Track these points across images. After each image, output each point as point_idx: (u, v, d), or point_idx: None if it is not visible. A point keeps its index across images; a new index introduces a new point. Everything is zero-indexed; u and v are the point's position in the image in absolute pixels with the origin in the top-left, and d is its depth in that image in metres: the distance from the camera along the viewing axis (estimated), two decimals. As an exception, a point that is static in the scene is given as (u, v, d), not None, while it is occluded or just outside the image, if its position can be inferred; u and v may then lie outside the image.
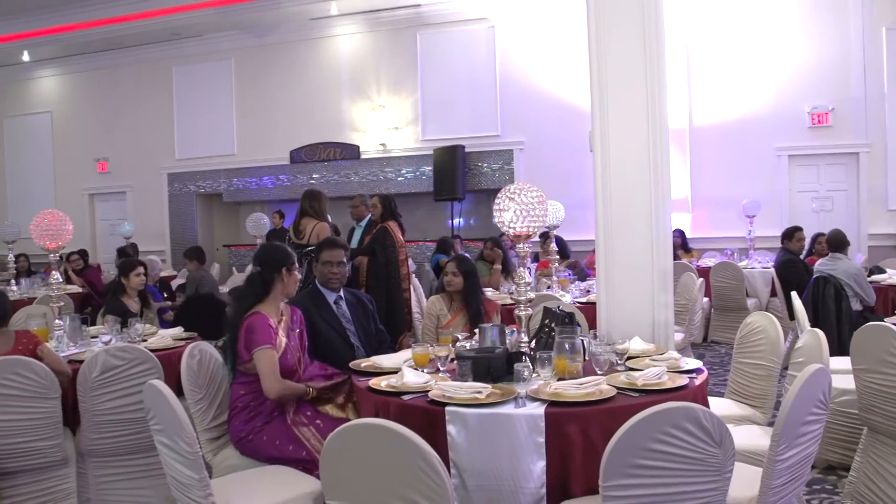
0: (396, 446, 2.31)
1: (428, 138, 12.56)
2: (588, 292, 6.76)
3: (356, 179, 12.98)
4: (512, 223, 3.41)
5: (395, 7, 12.53)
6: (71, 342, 4.73)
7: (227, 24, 13.27)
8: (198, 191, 14.45)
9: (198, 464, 2.80)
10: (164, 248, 14.15)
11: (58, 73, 15.86)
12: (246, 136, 13.92)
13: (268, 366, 3.59)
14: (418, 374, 3.30)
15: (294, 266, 3.95)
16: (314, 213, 6.69)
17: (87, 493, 4.12)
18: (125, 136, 14.99)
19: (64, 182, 15.70)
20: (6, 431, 3.76)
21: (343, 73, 13.22)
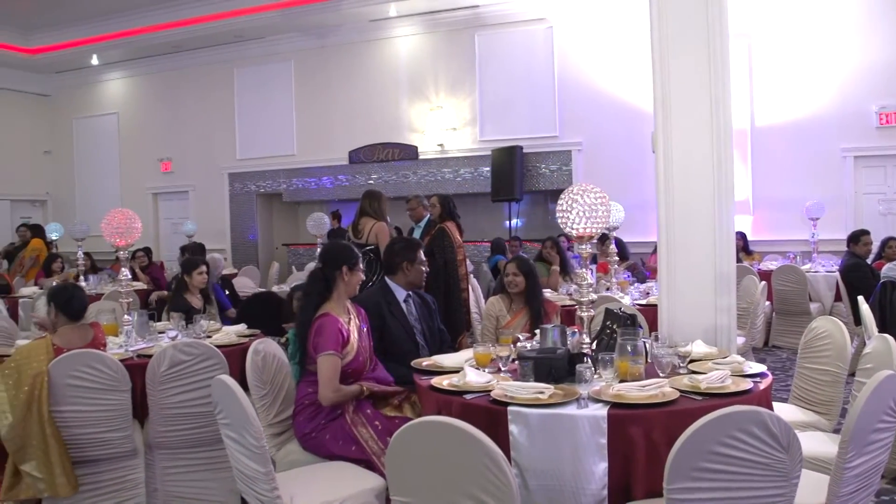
0: (462, 444, 2.33)
1: (486, 139, 12.57)
2: (647, 294, 6.70)
3: (414, 180, 13.06)
4: (575, 224, 3.40)
5: (453, 8, 12.57)
6: (139, 337, 4.85)
7: (288, 26, 13.47)
8: (258, 190, 14.69)
9: (264, 457, 2.86)
10: (224, 247, 14.40)
11: (124, 76, 16.28)
12: (305, 136, 14.10)
13: (328, 373, 3.64)
14: (480, 373, 3.33)
15: (357, 265, 3.99)
16: (373, 213, 6.74)
17: (155, 484, 4.23)
18: (188, 137, 15.32)
19: (129, 181, 16.12)
20: (80, 422, 3.89)
21: (401, 74, 13.31)
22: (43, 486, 3.76)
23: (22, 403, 3.77)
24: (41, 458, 3.75)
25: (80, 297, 4.43)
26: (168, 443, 4.18)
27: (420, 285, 4.64)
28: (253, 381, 3.71)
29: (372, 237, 6.54)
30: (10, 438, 3.76)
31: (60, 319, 4.31)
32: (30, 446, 3.75)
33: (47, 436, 3.76)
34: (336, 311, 3.83)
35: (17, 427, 3.74)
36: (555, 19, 12.14)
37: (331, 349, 3.66)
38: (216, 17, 13.42)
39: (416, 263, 4.56)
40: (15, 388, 3.80)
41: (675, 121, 4.14)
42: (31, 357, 3.93)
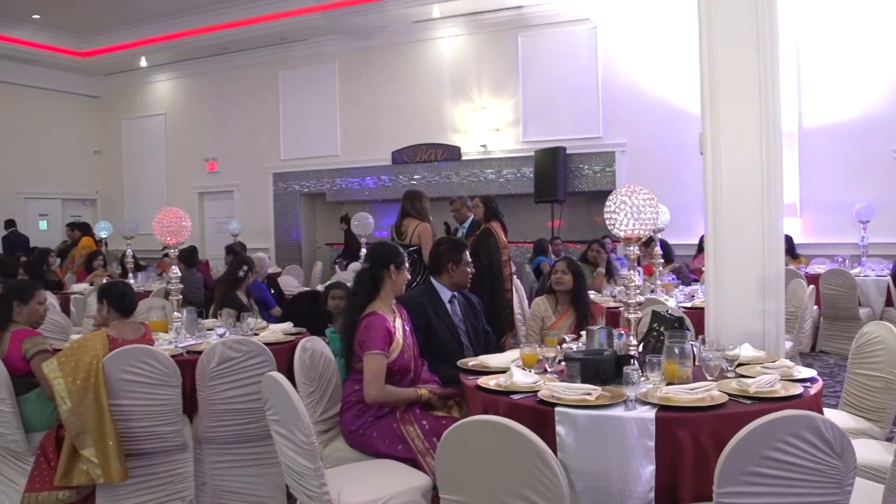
0: (512, 443, 2.35)
1: (529, 140, 12.55)
2: (692, 297, 6.64)
3: (456, 181, 13.08)
4: (623, 225, 3.40)
5: (496, 9, 12.57)
6: (188, 333, 4.93)
7: (332, 27, 13.58)
8: (302, 190, 14.83)
9: (313, 454, 2.90)
10: (268, 246, 14.55)
11: (172, 78, 16.55)
12: (349, 137, 14.21)
13: (373, 371, 3.68)
14: (527, 373, 3.33)
15: (403, 264, 4.03)
16: (416, 214, 6.77)
17: (203, 477, 4.30)
18: (233, 137, 15.52)
19: (176, 181, 16.38)
20: (133, 415, 3.98)
21: (445, 74, 13.34)
22: (99, 472, 3.85)
23: (78, 389, 3.89)
24: (98, 443, 3.86)
25: (130, 294, 4.54)
26: (216, 438, 4.25)
27: (465, 286, 4.66)
28: (301, 378, 3.75)
29: (415, 238, 6.57)
30: (70, 423, 3.88)
31: (112, 315, 4.43)
32: (88, 431, 3.86)
33: (105, 422, 3.87)
34: (383, 310, 3.87)
35: (76, 413, 3.86)
36: (599, 19, 12.07)
37: (377, 348, 3.70)
38: (261, 19, 13.59)
39: (462, 264, 4.57)
40: (72, 376, 3.92)
41: (723, 122, 4.10)
42: (88, 346, 4.05)
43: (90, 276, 9.79)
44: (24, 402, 4.22)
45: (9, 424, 4.17)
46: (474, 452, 2.45)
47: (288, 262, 13.38)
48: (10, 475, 4.31)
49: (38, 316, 4.60)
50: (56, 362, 3.98)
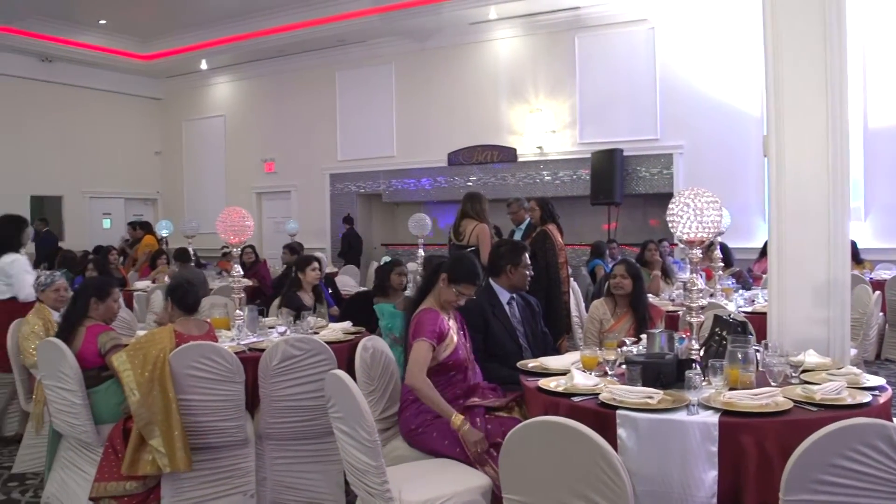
0: (577, 445, 2.35)
1: (585, 141, 12.48)
2: (752, 302, 6.55)
3: (512, 182, 13.06)
4: (686, 228, 3.37)
5: (553, 10, 12.52)
6: (249, 331, 5.02)
7: (389, 29, 13.66)
8: (358, 191, 14.96)
9: (375, 451, 2.94)
10: (325, 246, 14.70)
11: (231, 80, 16.84)
12: (405, 138, 14.29)
13: (417, 356, 3.72)
14: (587, 376, 3.33)
15: (473, 283, 4.00)
16: (475, 215, 6.79)
17: (264, 473, 4.39)
18: (291, 138, 15.73)
19: (234, 181, 16.66)
20: (197, 410, 4.07)
21: (501, 76, 13.33)
22: (166, 462, 3.96)
23: (146, 381, 4.01)
24: (164, 433, 3.97)
25: (194, 292, 4.65)
26: (277, 434, 4.32)
27: (523, 288, 4.66)
28: (361, 377, 3.80)
29: (473, 239, 6.60)
30: (139, 414, 4.00)
31: (176, 312, 4.54)
32: (155, 422, 3.98)
33: (171, 413, 3.98)
34: (437, 308, 3.91)
35: (144, 404, 3.98)
36: (656, 20, 11.95)
37: (425, 336, 3.74)
38: (319, 21, 13.74)
39: (520, 267, 4.58)
40: (140, 368, 4.04)
41: (788, 124, 4.04)
42: (155, 340, 4.17)
43: (153, 273, 10.00)
44: (94, 394, 4.36)
45: (79, 416, 4.30)
46: (538, 453, 2.46)
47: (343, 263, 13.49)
48: (81, 465, 4.45)
49: (112, 313, 4.77)
50: (125, 355, 4.11)
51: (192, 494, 4.17)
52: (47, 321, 5.25)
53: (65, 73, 15.71)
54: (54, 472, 4.66)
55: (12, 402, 6.01)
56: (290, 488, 4.41)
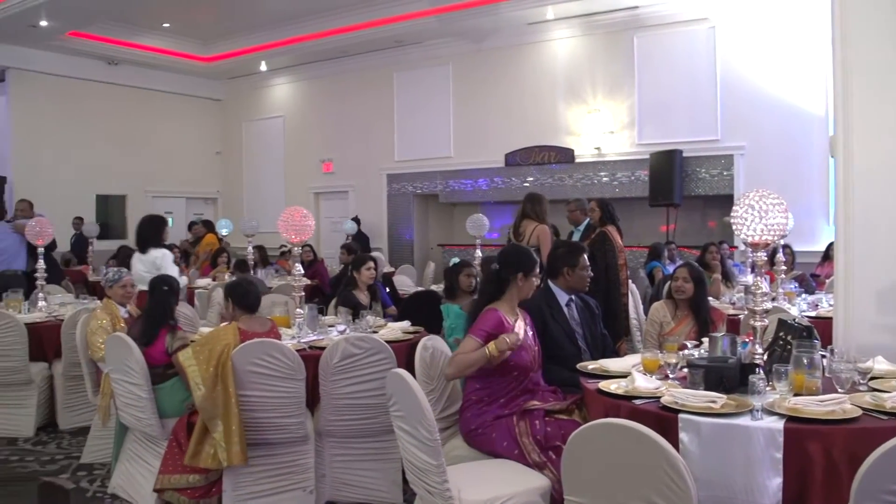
0: (641, 448, 2.34)
1: (644, 142, 12.33)
2: (816, 306, 6.41)
3: (570, 183, 12.98)
4: (751, 230, 3.32)
5: (611, 10, 12.41)
6: (309, 329, 5.09)
7: (446, 30, 13.69)
8: (415, 191, 15.02)
9: (436, 451, 2.96)
10: (381, 246, 14.79)
11: (290, 81, 17.05)
12: (462, 138, 14.30)
13: (461, 347, 3.75)
14: (649, 379, 3.30)
15: (533, 272, 4.03)
16: (535, 216, 6.78)
17: (323, 469, 4.46)
18: (349, 138, 15.86)
19: (293, 181, 16.87)
20: (259, 406, 4.15)
21: (559, 76, 13.26)
22: (224, 455, 4.04)
23: (211, 377, 4.11)
24: (225, 427, 4.05)
25: (254, 291, 4.75)
26: (337, 431, 4.38)
27: (582, 290, 4.63)
28: (421, 376, 3.82)
29: (533, 240, 6.59)
30: (203, 408, 4.10)
31: (237, 312, 4.64)
32: (218, 416, 4.07)
33: (231, 408, 4.06)
34: (503, 310, 3.90)
35: (209, 398, 4.08)
36: (717, 19, 11.76)
37: (475, 333, 3.75)
38: (377, 23, 13.80)
39: (578, 269, 4.55)
40: (205, 364, 4.15)
41: (856, 124, 3.95)
42: (220, 337, 4.28)
43: (214, 271, 10.19)
44: (160, 390, 4.48)
45: (145, 409, 4.42)
46: (601, 455, 2.46)
47: (400, 263, 13.56)
48: (145, 457, 4.58)
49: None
50: (191, 351, 4.23)
51: (252, 489, 4.25)
52: (114, 316, 5.40)
53: (129, 75, 16.09)
54: (120, 463, 4.79)
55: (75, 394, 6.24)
56: (348, 485, 4.47)
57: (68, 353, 6.04)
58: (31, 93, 14.80)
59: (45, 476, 5.23)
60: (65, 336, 6.09)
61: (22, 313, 6.57)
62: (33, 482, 5.17)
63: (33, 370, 6.18)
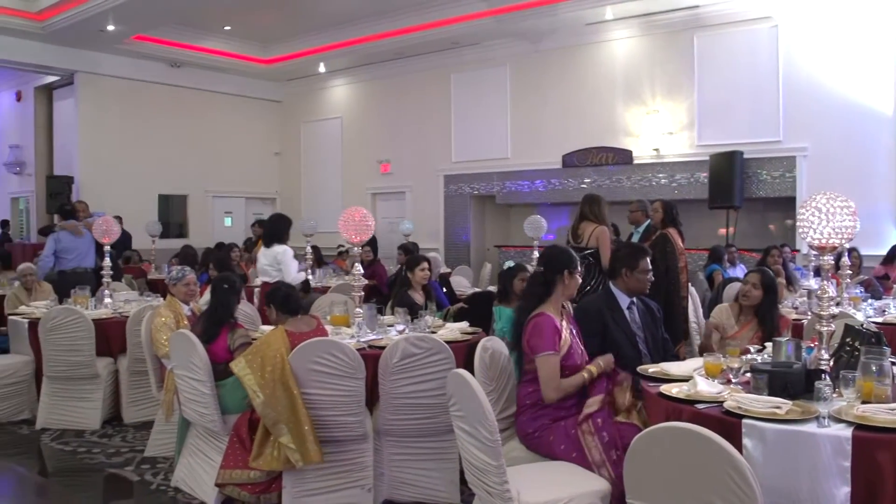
0: (706, 452, 2.32)
1: (704, 143, 12.14)
2: (883, 312, 6.26)
3: (627, 185, 12.85)
4: (818, 234, 3.26)
5: (671, 10, 12.24)
6: (368, 329, 5.13)
7: (503, 31, 13.67)
8: (472, 192, 15.01)
9: (496, 451, 2.97)
10: (438, 246, 14.82)
11: (348, 82, 17.20)
12: (519, 140, 14.25)
13: (548, 373, 3.72)
14: (711, 383, 3.27)
15: (576, 269, 4.05)
16: (594, 217, 6.73)
17: (382, 468, 4.50)
18: (406, 140, 15.93)
19: (350, 181, 17.01)
20: (319, 404, 4.21)
21: (617, 77, 13.13)
22: (298, 457, 4.11)
23: (267, 383, 4.18)
24: (293, 429, 4.12)
25: (294, 295, 4.86)
26: (396, 430, 4.41)
27: (642, 293, 4.59)
28: (480, 377, 3.83)
29: (592, 241, 6.55)
30: (265, 414, 4.17)
31: (280, 317, 4.72)
32: (282, 420, 4.13)
33: (297, 408, 4.12)
34: (551, 312, 3.90)
35: (269, 404, 4.15)
36: (780, 17, 11.52)
37: (549, 349, 3.74)
38: (434, 24, 13.83)
39: (637, 272, 4.50)
40: (260, 371, 4.22)
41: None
42: (270, 343, 4.34)
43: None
44: (222, 387, 4.56)
45: (208, 405, 4.51)
46: (665, 459, 2.44)
47: (457, 263, 13.56)
48: (207, 452, 4.67)
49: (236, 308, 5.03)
50: (244, 361, 4.29)
51: (311, 486, 4.31)
52: (178, 313, 5.52)
53: (191, 77, 16.40)
54: (183, 457, 4.90)
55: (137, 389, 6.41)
56: (406, 484, 4.50)
57: (133, 349, 6.22)
58: (97, 95, 15.20)
59: (111, 468, 5.38)
60: (130, 332, 6.26)
61: (89, 310, 6.75)
62: (100, 473, 5.33)
63: (100, 365, 6.37)
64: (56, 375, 6.31)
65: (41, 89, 16.58)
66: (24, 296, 7.95)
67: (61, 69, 15.00)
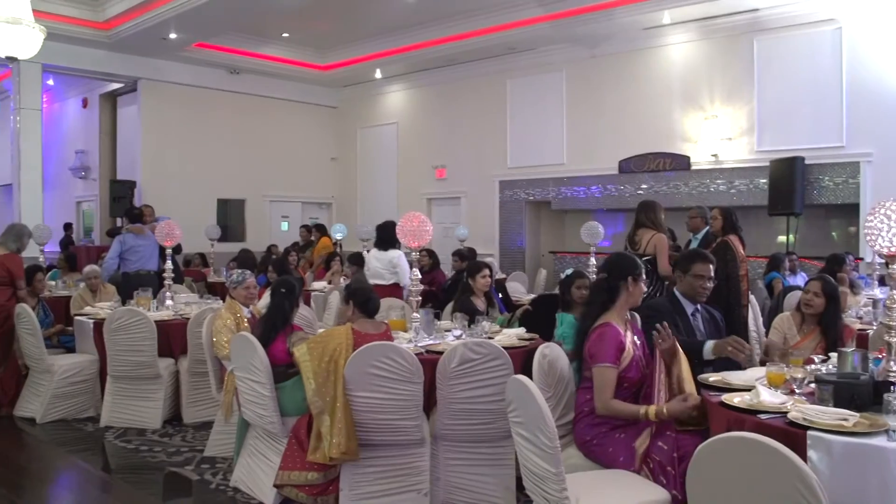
0: (772, 463, 2.27)
1: (763, 149, 11.93)
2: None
3: (685, 191, 12.68)
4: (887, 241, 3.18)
5: (730, 13, 12.06)
6: (426, 334, 5.16)
7: (559, 37, 13.61)
8: (527, 198, 14.96)
9: (556, 458, 2.95)
10: (493, 252, 14.80)
11: (404, 88, 17.31)
12: (575, 145, 14.17)
13: (602, 384, 3.69)
14: (774, 393, 3.21)
15: (640, 276, 4.00)
16: (651, 224, 6.67)
17: (438, 473, 4.50)
18: (461, 145, 15.97)
19: (406, 187, 17.10)
20: (376, 407, 4.25)
21: (674, 82, 12.98)
22: (326, 447, 4.16)
23: (322, 372, 4.28)
24: (331, 420, 4.18)
25: (375, 299, 4.89)
26: (452, 435, 4.43)
27: (694, 298, 4.50)
28: (539, 383, 3.81)
29: (650, 248, 6.48)
30: (313, 402, 4.28)
31: (356, 315, 4.76)
32: (326, 411, 4.22)
33: (338, 405, 4.20)
34: (616, 322, 3.86)
35: (319, 392, 4.26)
36: (844, 19, 11.27)
37: (608, 361, 3.69)
38: (489, 30, 13.84)
39: (688, 275, 4.44)
40: (318, 359, 4.32)
41: None
42: (334, 336, 4.44)
43: (328, 275, 10.43)
44: (282, 389, 4.63)
45: (267, 407, 4.58)
46: (730, 470, 2.40)
47: (511, 269, 13.52)
48: (266, 453, 4.74)
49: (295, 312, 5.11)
50: (306, 347, 4.40)
51: (368, 489, 4.34)
52: (238, 316, 5.62)
53: (250, 83, 16.68)
54: (242, 458, 4.98)
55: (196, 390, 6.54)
56: (462, 489, 4.50)
57: (194, 350, 6.34)
58: (159, 101, 15.56)
59: (172, 466, 5.49)
60: (191, 334, 6.38)
61: (151, 311, 6.91)
62: (160, 471, 5.45)
63: (161, 366, 6.51)
64: (119, 375, 6.46)
65: (106, 96, 17.03)
66: (90, 297, 8.16)
67: (125, 76, 15.40)
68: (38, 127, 14.02)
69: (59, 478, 5.69)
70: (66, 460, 5.86)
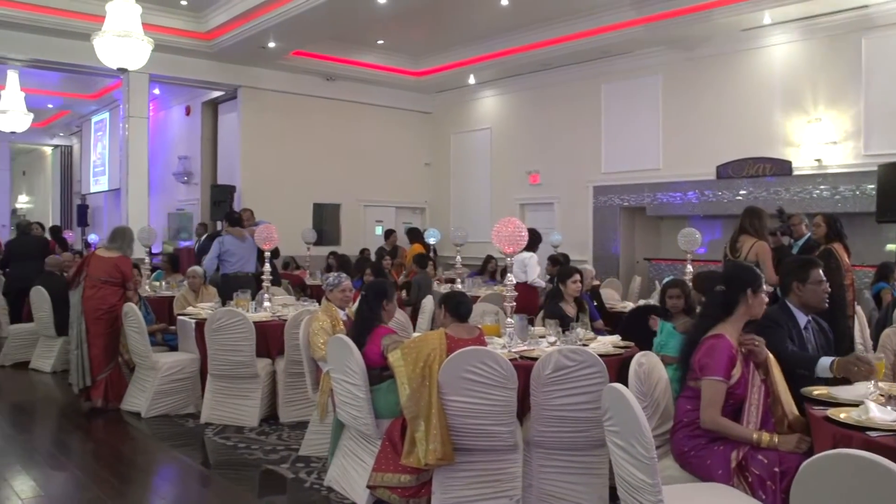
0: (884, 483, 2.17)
1: (871, 153, 11.44)
2: None
3: (786, 197, 12.24)
4: None
5: (835, 11, 11.62)
6: (520, 339, 5.15)
7: (655, 39, 13.39)
8: (622, 204, 14.73)
9: (653, 469, 2.90)
10: (586, 258, 14.64)
11: (497, 93, 17.32)
12: (672, 150, 13.89)
13: (709, 398, 3.60)
14: (885, 410, 3.08)
15: (761, 288, 3.86)
16: (754, 231, 6.49)
17: (530, 480, 4.49)
18: (555, 150, 15.87)
19: (499, 192, 17.11)
20: (470, 412, 4.27)
21: (775, 84, 12.59)
22: (422, 453, 4.19)
23: (417, 377, 4.32)
24: (426, 426, 4.21)
25: (466, 303, 4.93)
26: (546, 442, 4.40)
27: (818, 308, 4.32)
28: (635, 391, 3.75)
29: (752, 256, 6.30)
30: (407, 407, 4.32)
31: (448, 319, 4.79)
32: (420, 416, 4.24)
33: (432, 409, 4.23)
34: (730, 334, 3.74)
35: (413, 398, 4.29)
36: (969, 13, 10.73)
37: (719, 374, 3.59)
38: (583, 34, 13.72)
39: (809, 283, 4.28)
40: (413, 364, 4.37)
41: None
42: (428, 341, 4.48)
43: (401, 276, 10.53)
44: (376, 392, 4.70)
45: (362, 409, 4.66)
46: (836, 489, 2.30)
47: (605, 276, 13.30)
48: (360, 454, 4.82)
49: (390, 316, 5.16)
50: (400, 352, 4.45)
51: (460, 493, 4.36)
52: (334, 318, 5.72)
53: (345, 90, 16.97)
54: (336, 458, 5.07)
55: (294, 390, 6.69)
56: (554, 497, 4.47)
57: (290, 351, 6.49)
58: (258, 108, 16.00)
59: (268, 464, 5.63)
60: (288, 335, 6.54)
61: (249, 312, 7.10)
62: (257, 469, 5.60)
63: (259, 365, 6.70)
64: (219, 373, 6.68)
65: (208, 104, 17.64)
66: (192, 297, 8.47)
67: (226, 84, 15.91)
68: (145, 134, 14.66)
69: (161, 470, 5.93)
70: (168, 454, 6.10)
